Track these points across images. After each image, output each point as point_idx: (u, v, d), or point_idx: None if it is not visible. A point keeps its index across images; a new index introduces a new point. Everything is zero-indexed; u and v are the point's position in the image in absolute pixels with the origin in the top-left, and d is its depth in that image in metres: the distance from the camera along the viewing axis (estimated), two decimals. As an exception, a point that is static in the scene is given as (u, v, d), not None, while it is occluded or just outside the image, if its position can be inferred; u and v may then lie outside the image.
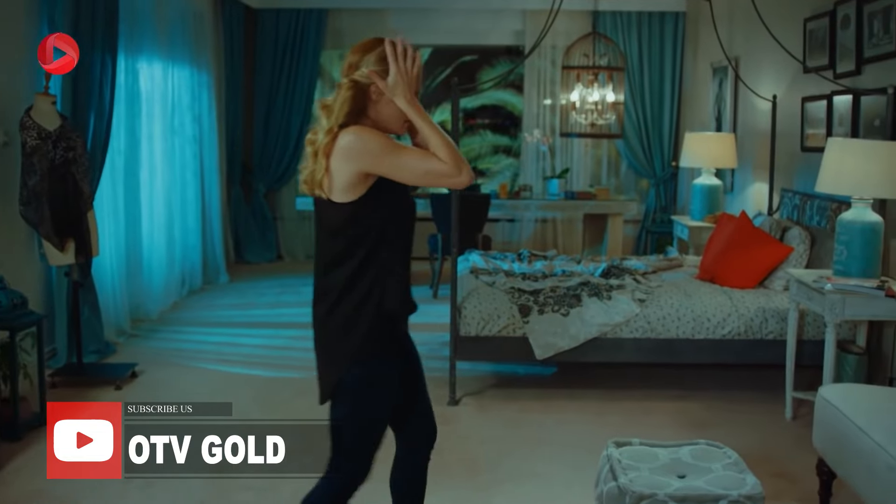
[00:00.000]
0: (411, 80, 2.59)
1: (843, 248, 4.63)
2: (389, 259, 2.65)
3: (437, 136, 2.58)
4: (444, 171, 2.55)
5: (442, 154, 2.56)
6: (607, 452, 3.37)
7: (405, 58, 2.58)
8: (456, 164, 2.55)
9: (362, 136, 2.56)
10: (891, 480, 3.04)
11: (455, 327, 5.15)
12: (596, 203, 8.89)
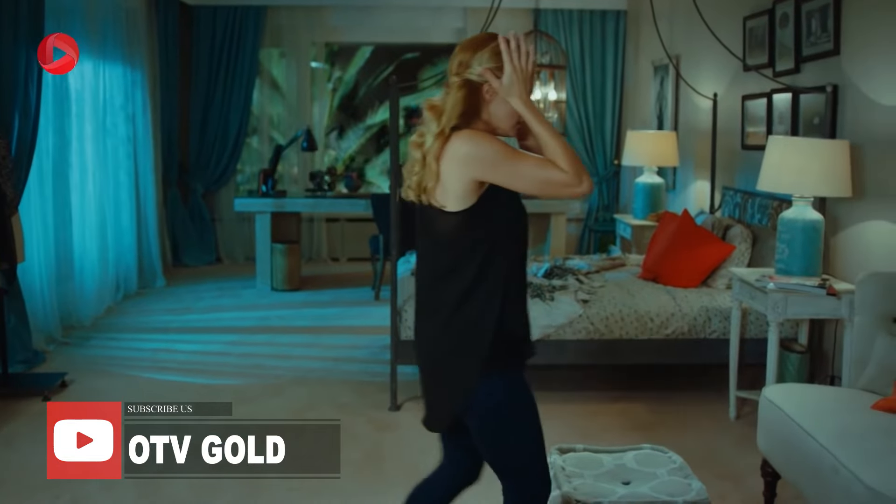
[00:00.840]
0: (527, 78, 2.42)
1: (785, 246, 4.62)
2: (504, 270, 2.48)
3: (555, 141, 2.39)
4: (563, 180, 2.37)
5: (561, 162, 2.37)
6: (551, 460, 3.29)
7: (520, 55, 2.41)
8: (577, 172, 2.36)
9: (477, 140, 2.41)
10: (836, 482, 3.01)
11: (395, 331, 5.04)
12: (539, 202, 8.81)
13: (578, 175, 2.37)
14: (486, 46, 2.45)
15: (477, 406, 2.51)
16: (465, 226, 2.44)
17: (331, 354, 6.23)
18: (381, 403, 5.12)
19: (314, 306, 7.74)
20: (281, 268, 8.30)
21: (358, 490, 3.98)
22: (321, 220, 10.04)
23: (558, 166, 2.37)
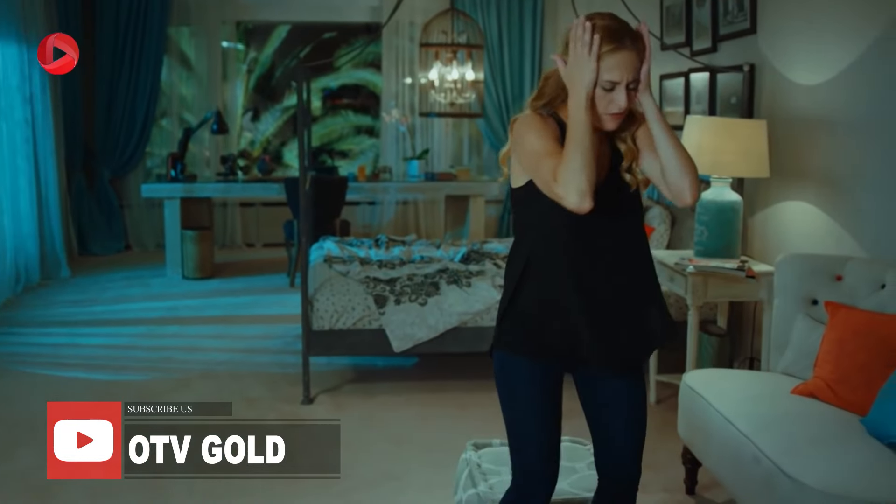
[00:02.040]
0: (587, 69, 2.19)
1: (704, 228, 4.54)
2: (529, 253, 2.39)
3: (568, 150, 2.19)
4: (557, 193, 2.20)
5: (560, 171, 2.19)
6: (466, 456, 3.15)
7: (582, 43, 2.20)
8: (564, 185, 2.17)
9: (523, 124, 2.34)
10: (757, 472, 2.92)
11: (307, 321, 4.84)
12: (457, 184, 8.67)
13: (565, 186, 2.17)
14: (570, 30, 2.28)
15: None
16: (518, 202, 2.43)
17: (242, 346, 5.99)
18: (293, 397, 4.91)
19: (226, 295, 7.47)
20: (192, 255, 8.00)
21: (267, 489, 3.78)
22: (235, 205, 9.73)
23: (560, 173, 2.19)
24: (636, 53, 2.24)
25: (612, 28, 2.23)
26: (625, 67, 2.23)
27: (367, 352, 5.10)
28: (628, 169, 2.39)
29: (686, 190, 2.30)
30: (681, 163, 2.28)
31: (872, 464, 2.74)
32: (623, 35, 2.23)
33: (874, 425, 2.92)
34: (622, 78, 2.23)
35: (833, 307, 3.45)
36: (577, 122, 2.20)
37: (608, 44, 2.21)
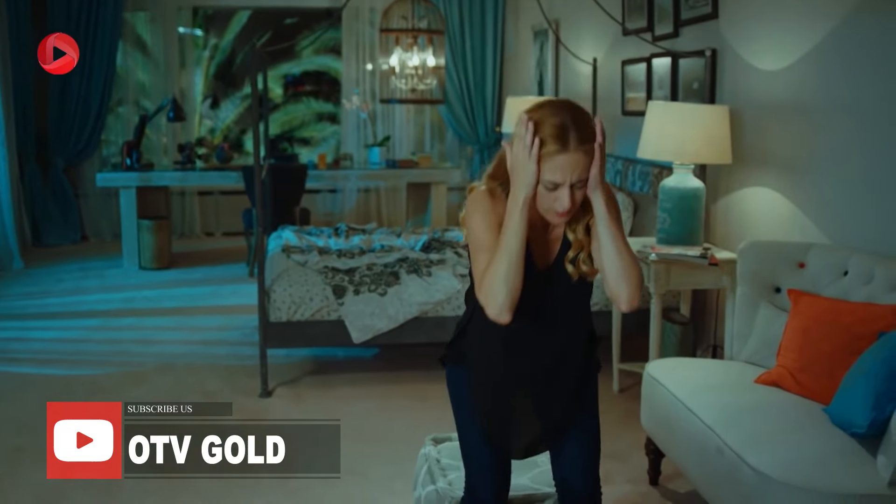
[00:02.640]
0: (527, 171, 2.12)
1: (666, 215, 4.49)
2: (484, 321, 2.25)
3: (495, 258, 2.16)
4: (479, 299, 2.20)
5: (485, 279, 2.17)
6: (425, 451, 3.07)
7: (523, 143, 2.13)
8: (486, 295, 2.16)
9: (473, 202, 2.29)
10: (721, 464, 2.87)
11: (264, 313, 4.73)
12: (419, 171, 8.58)
13: (483, 294, 2.18)
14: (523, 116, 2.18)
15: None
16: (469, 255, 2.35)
17: (199, 337, 5.87)
18: (251, 390, 4.81)
19: (184, 285, 7.33)
20: (149, 245, 7.84)
21: (222, 484, 3.68)
22: (193, 194, 9.57)
23: (484, 278, 2.17)
24: (583, 154, 2.13)
25: (558, 127, 2.12)
26: (568, 169, 2.12)
27: (326, 343, 5.00)
28: (572, 259, 2.29)
29: (623, 298, 2.21)
30: (622, 269, 2.18)
31: (836, 454, 2.70)
32: (568, 137, 2.12)
33: (837, 415, 2.88)
34: (565, 180, 2.13)
35: (796, 295, 3.41)
36: (510, 225, 2.15)
37: (552, 145, 2.12)
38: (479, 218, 2.25)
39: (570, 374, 2.41)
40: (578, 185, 2.14)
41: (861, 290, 3.35)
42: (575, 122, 2.13)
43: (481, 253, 2.22)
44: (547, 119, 2.13)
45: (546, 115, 2.14)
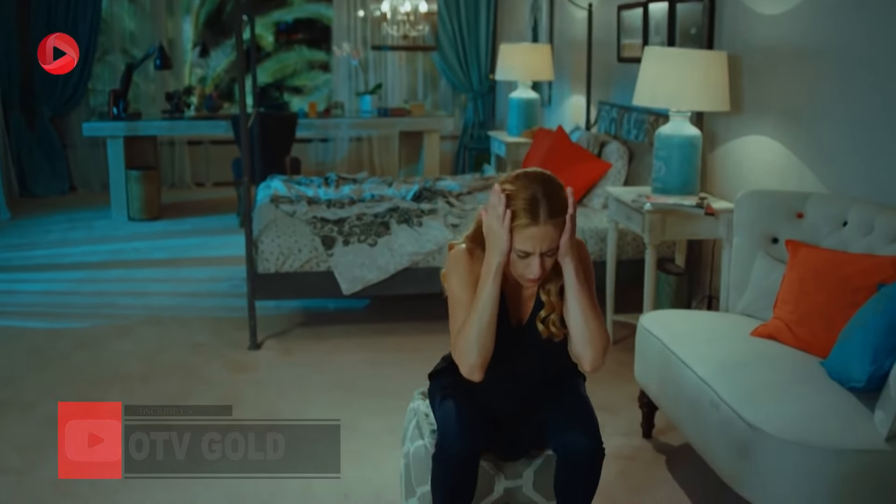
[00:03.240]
0: (500, 240, 2.29)
1: (662, 164, 4.39)
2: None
3: (469, 319, 2.35)
4: (453, 355, 2.42)
5: (458, 339, 2.38)
6: (413, 406, 3.00)
7: (495, 213, 2.30)
8: (459, 354, 2.38)
9: (453, 260, 2.46)
10: (715, 418, 2.81)
11: (251, 264, 4.64)
12: (411, 120, 8.44)
13: (458, 356, 2.38)
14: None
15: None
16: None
17: (188, 289, 5.79)
18: (239, 342, 4.75)
19: (173, 236, 7.24)
20: (137, 196, 7.73)
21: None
22: (182, 144, 9.42)
23: (458, 338, 2.37)
24: (552, 227, 2.28)
25: (529, 201, 2.27)
26: (538, 241, 2.28)
27: (315, 295, 4.92)
28: (543, 320, 2.44)
29: (587, 361, 2.38)
30: (587, 334, 2.36)
31: (833, 409, 2.63)
32: (538, 210, 2.26)
33: (834, 368, 2.81)
34: (535, 250, 2.29)
35: (794, 245, 3.33)
36: (483, 289, 2.33)
37: (524, 218, 2.27)
38: (457, 277, 2.42)
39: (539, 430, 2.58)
40: (549, 253, 2.31)
41: (860, 241, 3.27)
42: (546, 196, 2.28)
43: (457, 310, 2.41)
44: (520, 193, 2.28)
45: (519, 188, 2.29)
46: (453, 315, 2.42)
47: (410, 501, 2.81)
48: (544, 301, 2.44)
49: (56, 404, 3.85)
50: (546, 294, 2.43)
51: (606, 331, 2.41)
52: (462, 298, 2.40)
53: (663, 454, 3.56)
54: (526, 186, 2.29)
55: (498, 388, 2.53)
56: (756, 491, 2.62)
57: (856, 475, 2.49)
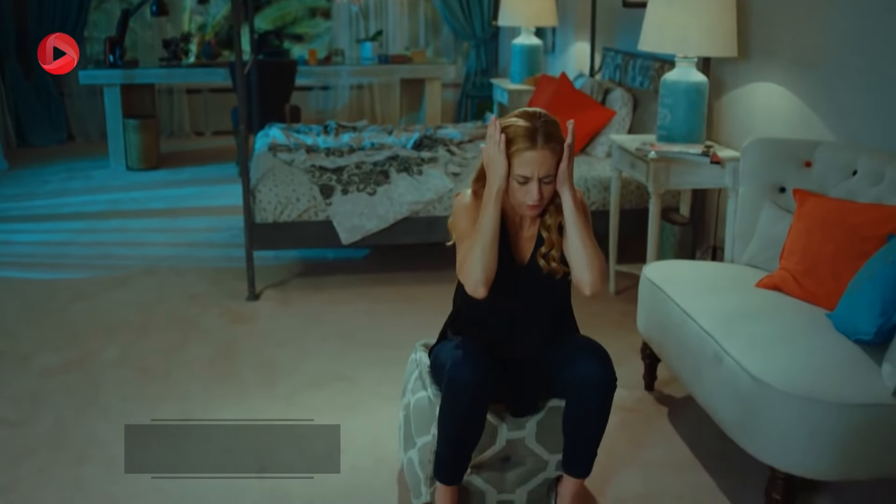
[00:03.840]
0: (498, 165, 2.40)
1: (667, 111, 4.29)
2: (472, 305, 2.59)
3: (472, 242, 2.45)
4: (460, 278, 2.51)
5: (463, 261, 2.47)
6: (415, 357, 2.95)
7: (492, 141, 2.42)
8: (464, 274, 2.46)
9: (460, 204, 2.57)
10: (719, 371, 2.76)
11: (249, 212, 4.56)
12: (412, 67, 8.29)
13: (464, 275, 2.46)
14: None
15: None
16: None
17: (186, 239, 5.72)
18: (238, 292, 4.69)
19: (171, 186, 7.15)
20: (136, 145, 7.63)
21: (206, 390, 3.58)
22: (181, 92, 9.29)
23: (464, 261, 2.46)
24: (550, 151, 2.39)
25: (527, 128, 2.39)
26: (536, 165, 2.38)
27: (314, 245, 4.85)
28: (545, 255, 2.54)
29: (586, 283, 2.47)
30: (586, 258, 2.46)
31: (840, 362, 2.58)
32: (536, 135, 2.37)
33: (841, 321, 2.75)
34: (533, 174, 2.39)
35: (801, 195, 3.25)
36: (485, 213, 2.43)
37: (522, 142, 2.38)
38: (463, 215, 2.54)
39: (539, 363, 2.65)
40: (546, 179, 2.41)
41: (870, 191, 3.19)
42: (544, 125, 2.40)
43: (463, 242, 2.51)
44: (518, 120, 2.42)
45: (517, 118, 2.43)
46: (459, 248, 2.52)
47: (410, 453, 2.78)
48: (544, 237, 2.54)
49: (52, 356, 3.89)
50: (546, 230, 2.53)
51: (603, 257, 2.49)
52: (467, 232, 2.50)
53: (665, 406, 3.52)
54: (523, 117, 2.42)
55: (503, 326, 2.61)
56: (760, 445, 2.57)
57: (862, 429, 2.44)
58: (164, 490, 2.88)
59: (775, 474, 2.59)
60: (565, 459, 2.61)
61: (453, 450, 2.52)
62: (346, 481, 2.95)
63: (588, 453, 2.58)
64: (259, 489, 2.90)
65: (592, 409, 2.51)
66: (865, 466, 2.52)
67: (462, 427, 2.48)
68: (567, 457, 2.61)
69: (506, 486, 2.74)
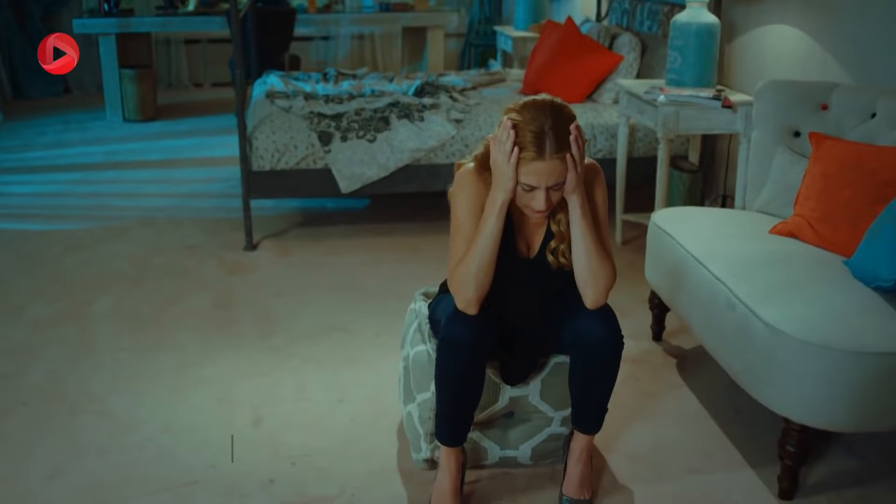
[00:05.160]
0: (506, 177, 2.21)
1: (677, 53, 4.15)
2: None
3: (469, 252, 2.28)
4: (450, 286, 2.33)
5: (456, 271, 2.29)
6: (415, 307, 2.84)
7: (502, 147, 2.21)
8: (455, 286, 2.29)
9: (460, 180, 2.37)
10: (730, 318, 2.65)
11: (245, 160, 4.44)
12: (414, 15, 8.10)
13: (455, 288, 2.30)
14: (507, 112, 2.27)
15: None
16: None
17: (184, 190, 5.61)
18: (235, 243, 4.59)
19: (169, 137, 7.02)
20: (132, 96, 7.48)
21: (202, 341, 3.49)
22: (179, 43, 9.11)
23: (456, 270, 2.29)
24: (559, 161, 2.20)
25: (536, 134, 2.18)
26: (544, 175, 2.20)
27: (313, 194, 4.74)
28: (553, 251, 2.39)
29: (588, 298, 2.33)
30: (591, 272, 2.31)
31: (857, 309, 2.47)
32: (544, 145, 2.18)
33: (860, 267, 2.64)
34: (540, 184, 2.22)
35: (818, 138, 3.12)
36: (486, 226, 2.25)
37: (530, 151, 2.18)
38: (463, 199, 2.33)
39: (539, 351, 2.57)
40: (555, 187, 2.23)
41: (889, 134, 3.06)
42: (553, 128, 2.18)
43: (459, 238, 2.32)
44: (527, 125, 2.18)
45: (527, 119, 2.19)
46: (454, 241, 2.35)
47: (409, 407, 2.69)
48: (554, 232, 2.39)
49: (46, 307, 3.80)
50: (556, 224, 2.38)
51: (612, 268, 2.34)
52: (465, 225, 2.32)
53: (674, 357, 3.42)
54: (533, 118, 2.19)
55: (506, 308, 2.45)
56: (774, 396, 2.47)
57: (881, 379, 2.34)
58: (157, 440, 2.80)
59: (789, 426, 2.49)
60: (574, 416, 2.50)
61: (452, 411, 2.40)
62: (344, 434, 2.86)
63: (597, 410, 2.47)
64: (256, 440, 2.81)
65: (597, 370, 2.39)
66: (883, 417, 2.42)
67: (459, 388, 2.35)
68: (576, 414, 2.49)
69: (509, 442, 2.65)
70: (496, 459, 2.66)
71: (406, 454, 2.72)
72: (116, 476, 2.62)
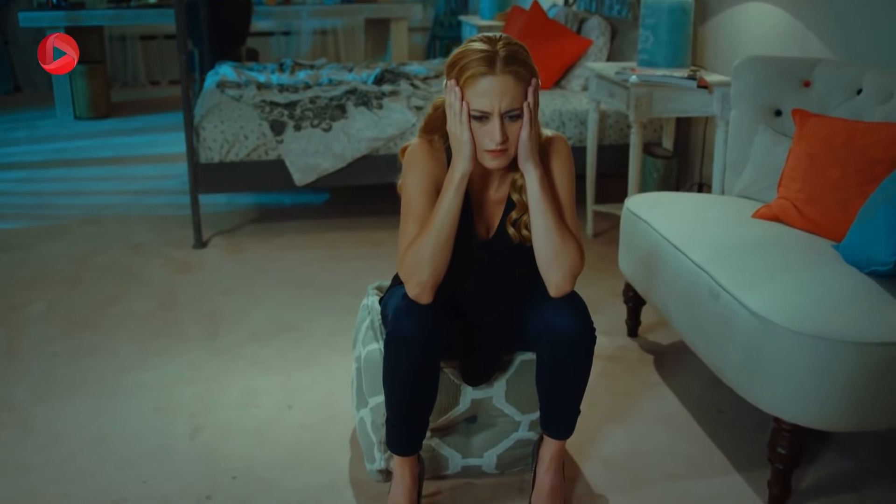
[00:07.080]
0: (463, 142, 1.95)
1: (649, 32, 3.93)
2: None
3: (423, 233, 2.00)
4: (400, 273, 2.04)
5: (408, 254, 2.01)
6: (367, 302, 2.59)
7: (453, 111, 1.97)
8: (407, 271, 2.01)
9: (410, 156, 2.10)
10: (714, 309, 2.42)
11: (192, 153, 4.16)
12: (377, 6, 7.84)
13: (406, 274, 2.01)
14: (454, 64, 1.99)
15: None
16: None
17: (133, 187, 5.32)
18: (183, 241, 4.32)
19: (122, 134, 6.73)
20: (83, 93, 7.18)
21: (141, 345, 3.21)
22: (135, 39, 8.81)
23: (408, 253, 2.01)
24: (513, 78, 1.92)
25: (483, 51, 1.92)
26: (496, 94, 1.91)
27: (266, 187, 4.47)
28: (514, 222, 2.13)
29: (552, 284, 2.05)
30: (553, 252, 2.03)
31: (851, 296, 2.24)
32: (494, 58, 1.91)
33: (852, 251, 2.41)
34: (493, 107, 1.92)
35: (801, 115, 2.90)
36: (443, 203, 1.99)
37: (477, 67, 1.91)
38: (413, 179, 2.07)
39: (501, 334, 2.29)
40: (511, 113, 1.94)
41: (877, 110, 2.85)
42: (505, 47, 1.94)
43: (410, 219, 2.05)
44: (471, 45, 1.96)
45: (472, 47, 1.95)
46: (405, 223, 2.06)
47: (362, 412, 2.44)
48: (515, 201, 2.12)
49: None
50: (517, 192, 2.11)
51: (577, 249, 2.05)
52: (417, 206, 2.05)
53: (651, 353, 3.19)
54: (478, 40, 1.98)
55: (464, 298, 2.20)
56: (763, 393, 2.24)
57: (880, 371, 2.12)
58: (85, 454, 2.53)
59: (780, 426, 2.26)
60: (543, 419, 2.23)
61: (403, 416, 2.13)
62: (292, 443, 2.60)
63: (568, 412, 2.20)
64: (193, 451, 2.54)
65: (568, 367, 2.11)
66: (881, 414, 2.20)
67: (410, 390, 2.07)
68: (545, 417, 2.22)
69: (472, 449, 2.40)
70: (458, 469, 2.41)
71: (359, 464, 2.46)
72: (35, 495, 2.34)
